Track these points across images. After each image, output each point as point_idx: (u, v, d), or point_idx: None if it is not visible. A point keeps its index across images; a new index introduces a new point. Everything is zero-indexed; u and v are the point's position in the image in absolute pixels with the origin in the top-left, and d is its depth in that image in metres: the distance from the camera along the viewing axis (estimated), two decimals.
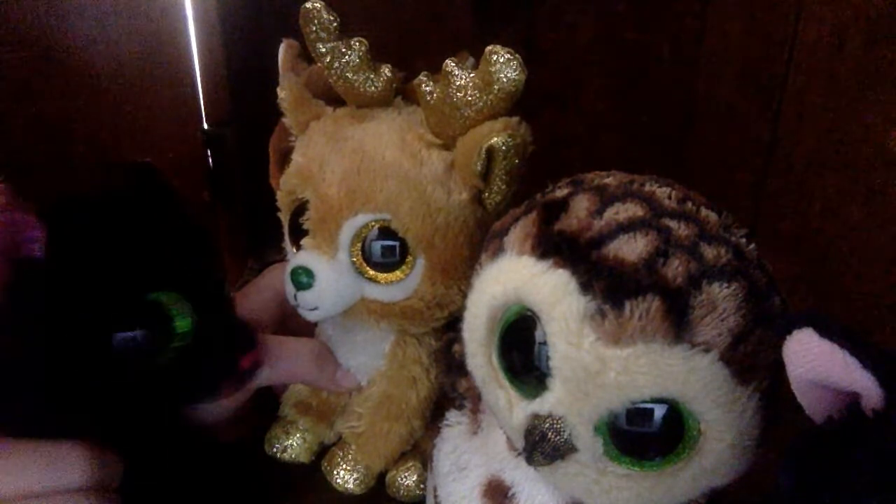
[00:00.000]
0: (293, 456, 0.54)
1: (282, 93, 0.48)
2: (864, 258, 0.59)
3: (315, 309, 0.45)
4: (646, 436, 0.30)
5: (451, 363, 0.41)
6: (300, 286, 0.44)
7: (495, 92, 0.39)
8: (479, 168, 0.40)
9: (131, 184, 0.40)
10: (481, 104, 0.40)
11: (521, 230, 0.32)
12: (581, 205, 0.31)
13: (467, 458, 0.40)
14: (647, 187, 0.32)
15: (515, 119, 0.40)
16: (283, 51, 0.61)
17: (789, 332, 0.26)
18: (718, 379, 0.28)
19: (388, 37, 0.72)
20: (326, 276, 0.44)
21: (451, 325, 0.46)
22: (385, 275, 0.44)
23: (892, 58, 0.55)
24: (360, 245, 0.44)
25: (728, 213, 0.32)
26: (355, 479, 0.52)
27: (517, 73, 0.39)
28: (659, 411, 0.29)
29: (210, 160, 0.70)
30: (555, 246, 0.30)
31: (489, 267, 0.34)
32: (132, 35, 0.63)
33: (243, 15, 0.69)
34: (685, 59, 0.77)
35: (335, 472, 0.52)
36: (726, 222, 0.31)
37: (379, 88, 0.45)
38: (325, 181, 0.44)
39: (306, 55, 0.61)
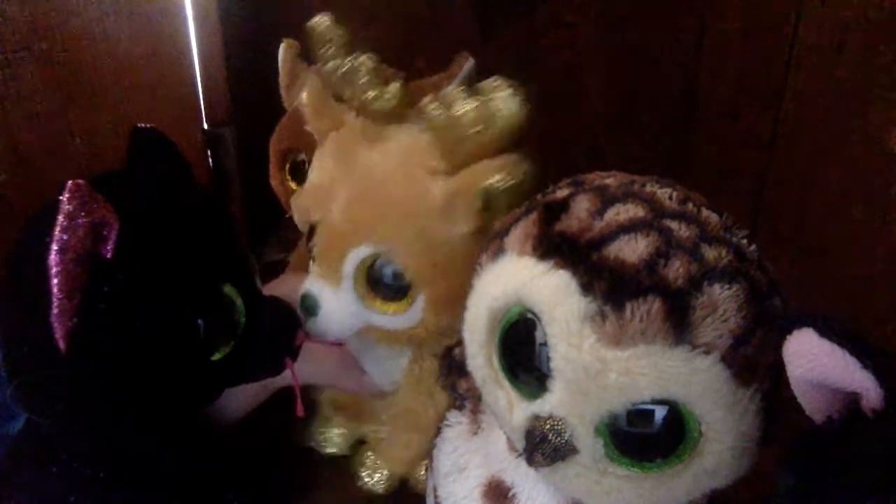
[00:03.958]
0: (331, 447, 0.57)
1: (304, 99, 0.48)
2: (865, 258, 0.59)
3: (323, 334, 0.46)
4: (646, 437, 0.30)
5: (451, 364, 0.41)
6: (307, 312, 0.45)
7: (495, 127, 0.39)
8: (477, 208, 0.40)
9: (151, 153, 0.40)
10: (482, 138, 0.40)
11: (521, 231, 0.32)
12: (582, 205, 0.31)
13: (467, 458, 0.40)
14: (648, 188, 0.32)
15: (513, 157, 0.40)
16: (283, 51, 0.61)
17: (789, 333, 0.26)
18: (719, 380, 0.28)
19: (389, 37, 0.72)
20: (331, 305, 0.44)
21: None
22: (388, 305, 0.44)
23: (892, 58, 0.55)
24: (363, 275, 0.44)
25: (729, 215, 0.32)
26: (377, 480, 0.53)
27: (517, 107, 0.39)
28: (660, 413, 0.29)
29: (210, 160, 0.70)
30: (555, 247, 0.30)
31: (490, 267, 0.33)
32: (132, 35, 0.63)
33: (243, 15, 0.69)
34: (685, 59, 0.77)
35: (361, 471, 0.54)
36: (727, 223, 0.31)
37: (391, 105, 0.44)
38: (333, 208, 0.44)
39: (306, 55, 0.61)
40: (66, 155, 0.65)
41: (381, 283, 0.44)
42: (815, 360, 0.25)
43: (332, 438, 0.57)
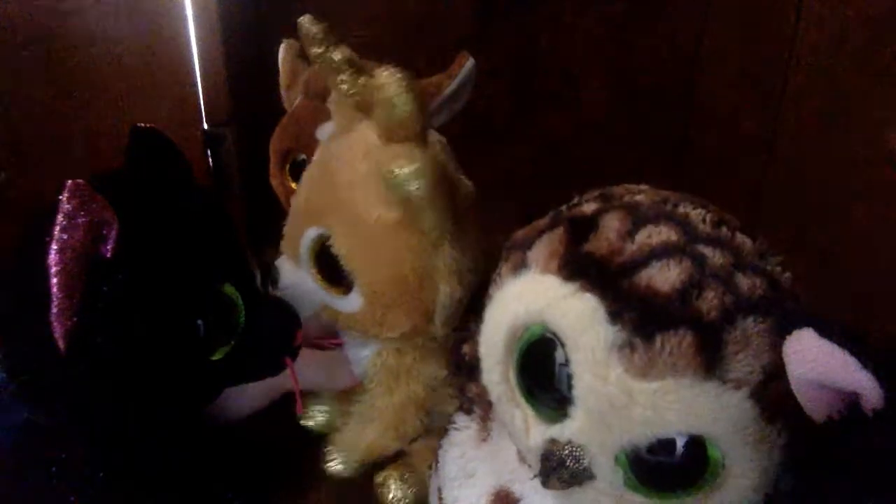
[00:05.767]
0: (311, 422, 0.57)
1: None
2: (864, 258, 0.59)
3: None
4: (667, 466, 0.29)
5: (460, 364, 0.40)
6: (272, 283, 0.47)
7: (394, 115, 0.40)
8: (392, 196, 0.40)
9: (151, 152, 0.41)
10: (389, 123, 0.41)
11: (546, 246, 0.31)
12: (612, 225, 0.30)
13: (475, 465, 0.39)
14: (681, 209, 0.31)
15: (408, 146, 0.40)
16: (283, 51, 0.61)
17: (789, 333, 0.26)
18: (748, 417, 0.27)
19: (389, 36, 0.72)
20: (290, 280, 0.47)
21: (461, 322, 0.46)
22: (331, 288, 0.46)
23: (892, 58, 0.55)
24: (313, 256, 0.46)
25: (763, 239, 0.31)
26: (334, 465, 0.54)
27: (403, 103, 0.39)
28: (681, 441, 0.28)
29: (210, 160, 0.70)
30: (583, 269, 0.29)
31: (511, 282, 0.32)
32: (132, 35, 0.63)
33: (243, 15, 0.69)
34: (685, 59, 0.77)
35: (325, 455, 0.54)
36: (761, 249, 0.30)
37: (359, 96, 0.43)
38: (301, 191, 0.46)
39: (306, 55, 0.61)
40: (66, 155, 0.65)
41: (327, 266, 0.45)
42: (815, 361, 0.25)
43: (315, 415, 0.58)
